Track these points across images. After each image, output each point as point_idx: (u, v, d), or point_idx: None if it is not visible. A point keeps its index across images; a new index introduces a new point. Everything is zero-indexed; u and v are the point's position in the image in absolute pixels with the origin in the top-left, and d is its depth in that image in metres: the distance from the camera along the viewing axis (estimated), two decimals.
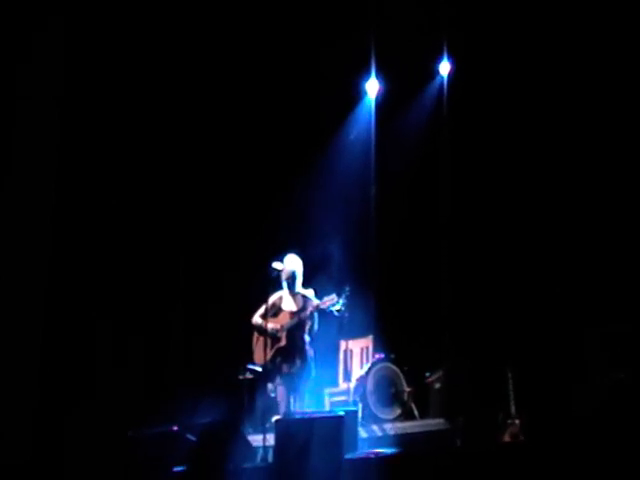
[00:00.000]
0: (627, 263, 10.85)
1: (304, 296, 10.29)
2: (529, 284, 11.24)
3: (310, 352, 10.23)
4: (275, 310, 10.28)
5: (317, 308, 10.16)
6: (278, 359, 10.14)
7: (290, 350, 10.15)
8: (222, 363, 11.18)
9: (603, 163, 11.08)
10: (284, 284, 10.35)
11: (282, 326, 10.19)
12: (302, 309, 10.21)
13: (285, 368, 10.13)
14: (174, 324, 11.98)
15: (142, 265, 12.00)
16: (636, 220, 10.84)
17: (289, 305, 10.33)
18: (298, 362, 10.12)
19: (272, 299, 10.30)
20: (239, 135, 12.44)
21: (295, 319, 10.19)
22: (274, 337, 10.15)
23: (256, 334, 10.30)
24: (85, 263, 11.76)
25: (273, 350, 10.14)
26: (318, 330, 10.35)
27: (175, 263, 12.21)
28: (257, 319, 10.31)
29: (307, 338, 10.24)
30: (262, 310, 10.28)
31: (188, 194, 12.37)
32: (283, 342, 10.17)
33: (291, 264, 10.35)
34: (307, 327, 10.21)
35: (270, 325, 10.13)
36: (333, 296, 10.13)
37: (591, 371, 10.00)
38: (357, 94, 12.56)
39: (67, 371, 11.32)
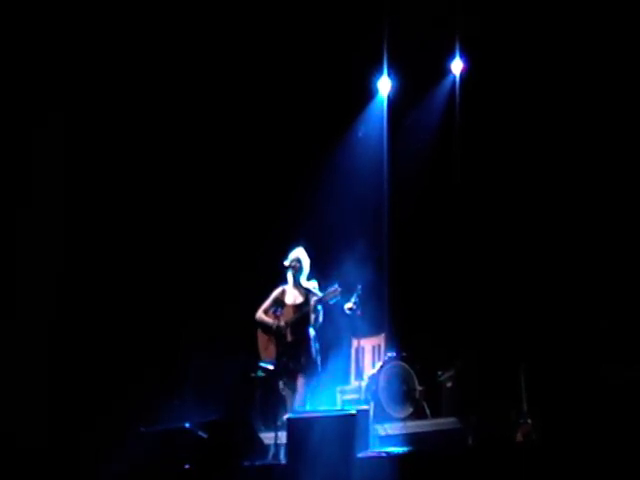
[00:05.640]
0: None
1: (307, 289, 10.23)
2: (541, 282, 11.22)
3: (315, 346, 10.16)
4: (279, 305, 10.22)
5: (321, 301, 10.09)
6: (284, 356, 10.06)
7: (295, 346, 10.08)
8: (235, 361, 11.18)
9: (620, 163, 11.09)
10: (289, 277, 10.30)
11: (286, 322, 10.13)
12: (305, 303, 10.15)
13: (291, 365, 10.06)
14: (187, 321, 11.98)
15: (153, 260, 12.06)
16: None
17: (292, 299, 10.26)
18: (303, 359, 10.06)
19: (275, 294, 10.29)
20: (252, 132, 12.44)
21: (298, 314, 10.13)
22: (279, 333, 10.12)
23: (260, 330, 10.27)
24: (96, 256, 11.89)
25: (278, 347, 10.09)
26: (325, 324, 10.30)
27: (188, 259, 12.21)
28: (261, 315, 10.27)
29: (312, 332, 10.16)
30: (265, 305, 10.27)
31: (201, 191, 12.39)
32: (288, 338, 10.10)
33: (297, 257, 10.30)
34: (311, 320, 10.12)
35: (274, 321, 10.11)
36: (335, 287, 10.04)
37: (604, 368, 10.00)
38: (369, 92, 12.58)
39: (81, 362, 11.44)
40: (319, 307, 10.12)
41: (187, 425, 9.19)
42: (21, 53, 11.52)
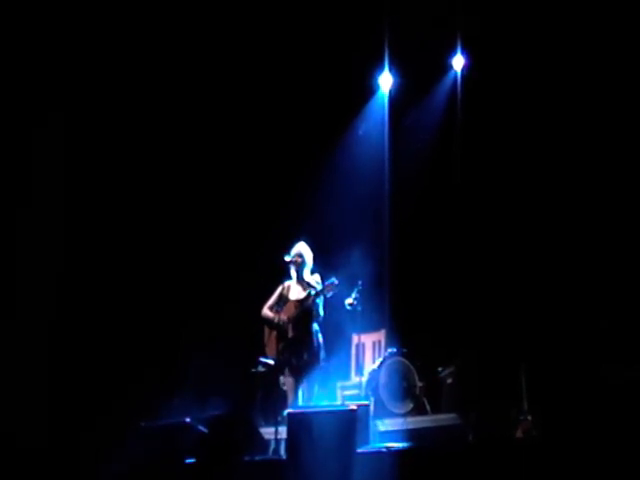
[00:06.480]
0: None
1: (309, 284, 10.22)
2: (541, 282, 11.22)
3: (318, 341, 10.13)
4: (283, 301, 10.22)
5: (319, 295, 10.07)
6: (286, 352, 10.06)
7: (297, 343, 10.07)
8: (235, 356, 11.18)
9: (621, 162, 11.10)
10: (293, 272, 10.30)
11: (288, 318, 10.14)
12: (306, 298, 10.15)
13: (294, 361, 10.06)
14: (187, 321, 11.98)
15: (153, 260, 12.06)
16: None
17: (295, 294, 10.25)
18: (305, 355, 10.04)
19: (279, 289, 10.29)
20: (252, 131, 12.45)
21: (299, 309, 10.13)
22: (281, 329, 10.12)
23: (266, 327, 10.27)
24: (96, 256, 11.91)
25: (282, 343, 10.08)
26: (326, 320, 10.27)
27: (188, 259, 12.22)
28: (266, 311, 10.27)
29: (316, 327, 10.16)
30: (270, 302, 10.27)
31: (201, 191, 12.40)
32: (290, 334, 10.10)
33: (300, 252, 10.30)
34: (313, 316, 10.10)
35: (274, 316, 10.12)
36: (332, 281, 10.03)
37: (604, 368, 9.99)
38: (370, 89, 12.60)
39: (81, 360, 11.45)
40: (318, 301, 10.11)
41: (187, 420, 9.19)
42: (21, 53, 11.54)
